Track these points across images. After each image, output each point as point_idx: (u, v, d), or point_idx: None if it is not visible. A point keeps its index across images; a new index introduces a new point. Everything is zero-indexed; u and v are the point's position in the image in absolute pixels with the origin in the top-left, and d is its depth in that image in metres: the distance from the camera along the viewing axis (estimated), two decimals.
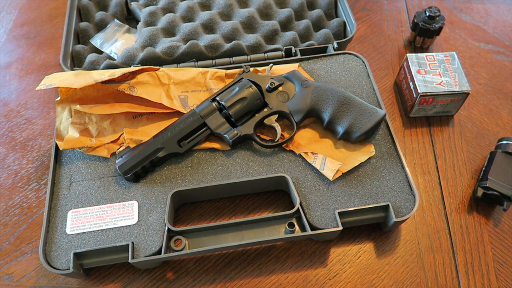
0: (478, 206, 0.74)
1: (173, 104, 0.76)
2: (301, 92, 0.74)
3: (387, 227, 0.68)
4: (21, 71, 0.96)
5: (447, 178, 0.77)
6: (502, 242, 0.70)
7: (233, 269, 0.67)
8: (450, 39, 0.98)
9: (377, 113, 0.70)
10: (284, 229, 0.65)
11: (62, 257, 0.63)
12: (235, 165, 0.72)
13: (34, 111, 0.88)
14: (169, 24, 0.90)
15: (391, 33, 1.00)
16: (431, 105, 0.80)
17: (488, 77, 0.91)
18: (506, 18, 1.03)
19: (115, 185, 0.70)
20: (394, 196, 0.68)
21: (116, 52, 0.90)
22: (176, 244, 0.64)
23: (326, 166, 0.69)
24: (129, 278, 0.67)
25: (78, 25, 0.93)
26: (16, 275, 0.68)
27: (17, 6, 1.10)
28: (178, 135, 0.71)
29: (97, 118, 0.74)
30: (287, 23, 0.93)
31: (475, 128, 0.83)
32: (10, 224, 0.73)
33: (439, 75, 0.79)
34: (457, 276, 0.67)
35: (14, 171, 0.79)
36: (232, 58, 0.86)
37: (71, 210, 0.68)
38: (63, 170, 0.72)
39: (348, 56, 0.84)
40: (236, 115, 0.72)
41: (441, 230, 0.71)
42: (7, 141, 0.84)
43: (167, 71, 0.78)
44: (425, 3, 1.07)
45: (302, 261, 0.68)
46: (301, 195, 0.68)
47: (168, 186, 0.70)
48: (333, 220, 0.65)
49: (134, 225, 0.66)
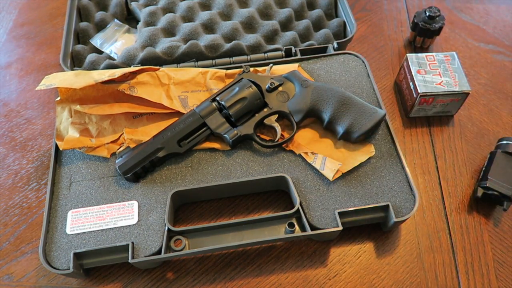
0: (478, 206, 0.74)
1: (173, 104, 0.76)
2: (301, 92, 0.74)
3: (387, 227, 0.68)
4: (21, 71, 0.96)
5: (447, 178, 0.77)
6: (502, 242, 0.70)
7: (233, 269, 0.67)
8: (450, 39, 0.98)
9: (377, 113, 0.70)
10: (284, 229, 0.65)
11: (62, 257, 0.63)
12: (235, 165, 0.72)
13: (34, 111, 0.88)
14: (169, 24, 0.90)
15: (391, 33, 1.00)
16: (431, 105, 0.80)
17: (488, 77, 0.91)
18: (506, 18, 1.03)
19: (115, 185, 0.70)
20: (394, 196, 0.68)
21: (116, 52, 0.90)
22: (176, 244, 0.64)
23: (326, 166, 0.69)
24: (129, 278, 0.67)
25: (78, 25, 0.93)
26: (16, 275, 0.68)
27: (17, 6, 1.10)
28: (178, 135, 0.71)
29: (97, 118, 0.74)
30: (287, 23, 0.93)
31: (475, 128, 0.83)
32: (10, 224, 0.73)
33: (439, 75, 0.79)
34: (457, 276, 0.67)
35: (14, 171, 0.79)
36: (232, 58, 0.86)
37: (71, 210, 0.68)
38: (63, 170, 0.72)
39: (348, 56, 0.84)
40: (236, 115, 0.72)
41: (441, 230, 0.71)
42: (7, 141, 0.84)
43: (167, 71, 0.78)
44: (425, 3, 1.07)
45: (302, 261, 0.68)
46: (301, 195, 0.68)
47: (168, 186, 0.70)
48: (333, 220, 0.65)
49: (134, 225, 0.66)
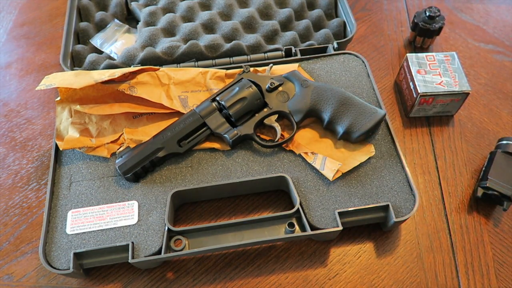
0: (478, 206, 0.74)
1: (173, 104, 0.76)
2: (301, 92, 0.74)
3: (387, 227, 0.68)
4: (21, 71, 0.96)
5: (447, 178, 0.77)
6: (502, 242, 0.70)
7: (233, 269, 0.67)
8: (450, 39, 0.98)
9: (377, 113, 0.70)
10: (284, 229, 0.65)
11: (62, 257, 0.63)
12: (235, 165, 0.72)
13: (34, 111, 0.88)
14: (169, 24, 0.90)
15: (391, 33, 1.00)
16: (431, 105, 0.80)
17: (488, 77, 0.91)
18: (506, 18, 1.03)
19: (115, 185, 0.70)
20: (394, 196, 0.68)
21: (116, 52, 0.90)
22: (176, 244, 0.64)
23: (326, 166, 0.69)
24: (129, 278, 0.67)
25: (78, 25, 0.93)
26: (16, 275, 0.68)
27: (17, 6, 1.10)
28: (178, 135, 0.71)
29: (97, 118, 0.74)
30: (287, 23, 0.93)
31: (475, 128, 0.83)
32: (10, 224, 0.73)
33: (439, 75, 0.79)
34: (457, 276, 0.67)
35: (14, 171, 0.79)
36: (232, 58, 0.86)
37: (71, 210, 0.68)
38: (63, 170, 0.72)
39: (348, 56, 0.84)
40: (236, 115, 0.72)
41: (441, 230, 0.71)
42: (7, 141, 0.84)
43: (167, 71, 0.78)
44: (425, 3, 1.07)
45: (302, 261, 0.68)
46: (301, 195, 0.68)
47: (168, 186, 0.70)
48: (333, 220, 0.65)
49: (134, 225, 0.66)
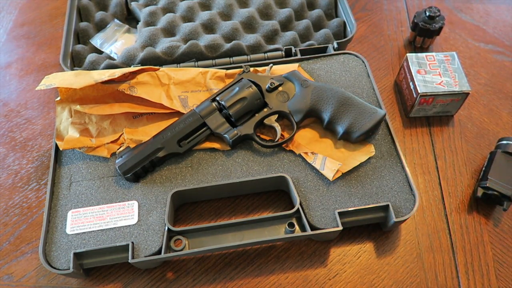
0: (478, 206, 0.74)
1: (173, 104, 0.76)
2: (301, 92, 0.74)
3: (387, 227, 0.68)
4: (21, 71, 0.96)
5: (447, 178, 0.77)
6: (502, 242, 0.70)
7: (233, 269, 0.67)
8: (450, 39, 0.98)
9: (377, 113, 0.70)
10: (284, 229, 0.65)
11: (62, 257, 0.63)
12: (235, 165, 0.72)
13: (34, 111, 0.88)
14: (169, 24, 0.90)
15: (391, 33, 1.00)
16: (431, 105, 0.80)
17: (488, 77, 0.91)
18: (506, 18, 1.03)
19: (115, 185, 0.70)
20: (394, 196, 0.68)
21: (116, 52, 0.90)
22: (176, 244, 0.64)
23: (326, 166, 0.69)
24: (129, 278, 0.67)
25: (78, 25, 0.93)
26: (16, 275, 0.68)
27: (17, 6, 1.10)
28: (178, 135, 0.71)
29: (97, 118, 0.74)
30: (287, 23, 0.93)
31: (475, 128, 0.83)
32: (10, 224, 0.73)
33: (439, 75, 0.79)
34: (457, 276, 0.67)
35: (14, 171, 0.79)
36: (232, 58, 0.86)
37: (71, 210, 0.68)
38: (63, 170, 0.72)
39: (348, 56, 0.84)
40: (236, 115, 0.72)
41: (441, 230, 0.71)
42: (7, 141, 0.84)
43: (167, 71, 0.78)
44: (425, 3, 1.07)
45: (302, 261, 0.68)
46: (301, 195, 0.68)
47: (168, 186, 0.70)
48: (333, 220, 0.65)
49: (134, 225, 0.66)
